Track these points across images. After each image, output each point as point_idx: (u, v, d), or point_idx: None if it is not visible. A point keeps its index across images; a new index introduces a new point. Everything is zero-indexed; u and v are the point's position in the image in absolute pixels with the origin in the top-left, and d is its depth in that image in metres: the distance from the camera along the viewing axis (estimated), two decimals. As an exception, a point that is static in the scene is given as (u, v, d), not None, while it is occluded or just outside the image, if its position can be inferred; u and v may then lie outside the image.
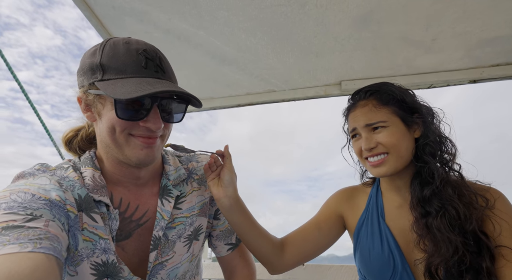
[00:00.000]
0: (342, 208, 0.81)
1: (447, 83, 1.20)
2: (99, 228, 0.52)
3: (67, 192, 0.50)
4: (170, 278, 0.59)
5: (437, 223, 0.61)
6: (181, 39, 1.06)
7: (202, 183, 0.69)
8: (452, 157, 0.68)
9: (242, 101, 1.41)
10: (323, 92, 1.31)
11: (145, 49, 0.52)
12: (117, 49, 0.50)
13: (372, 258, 0.69)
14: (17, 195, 0.43)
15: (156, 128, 0.51)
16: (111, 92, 0.46)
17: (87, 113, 0.55)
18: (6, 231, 0.37)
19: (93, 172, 0.55)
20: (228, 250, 0.72)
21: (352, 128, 0.73)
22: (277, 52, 1.12)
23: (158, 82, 0.50)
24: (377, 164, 0.68)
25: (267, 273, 1.20)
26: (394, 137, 0.66)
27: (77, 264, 0.50)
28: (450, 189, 0.63)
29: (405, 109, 0.69)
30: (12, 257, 0.34)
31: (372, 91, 0.72)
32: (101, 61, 0.50)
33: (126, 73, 0.49)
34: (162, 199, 0.60)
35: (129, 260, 0.55)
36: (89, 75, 0.51)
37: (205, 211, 0.68)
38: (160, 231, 0.57)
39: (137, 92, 0.45)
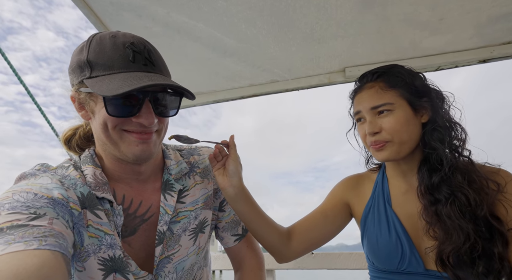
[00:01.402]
0: (348, 196, 0.81)
1: (455, 65, 1.16)
2: (104, 224, 0.52)
3: (69, 190, 0.51)
4: (177, 271, 0.60)
5: (447, 211, 0.60)
6: (181, 33, 1.05)
7: (205, 176, 0.68)
8: (462, 142, 0.66)
9: (245, 93, 1.40)
10: (327, 79, 1.29)
11: (132, 42, 0.50)
12: (103, 44, 0.49)
13: (380, 245, 0.69)
14: (20, 195, 0.44)
15: (148, 123, 0.50)
16: (98, 89, 0.46)
17: (81, 112, 0.54)
18: (11, 230, 0.38)
19: (94, 169, 0.55)
20: (235, 241, 0.73)
21: (356, 111, 0.72)
22: (278, 41, 1.10)
23: (146, 76, 0.48)
24: (379, 147, 0.67)
25: (275, 263, 1.22)
26: (399, 122, 0.65)
27: (84, 260, 0.51)
28: (459, 175, 0.62)
29: (413, 92, 0.67)
30: (18, 255, 0.35)
31: (380, 73, 0.70)
32: (88, 57, 0.49)
33: (114, 69, 0.48)
34: (165, 194, 0.60)
35: (136, 255, 0.56)
36: (78, 73, 0.50)
37: (209, 204, 0.68)
38: (164, 225, 0.58)
39: (123, 88, 0.44)
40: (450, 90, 0.70)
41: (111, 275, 0.52)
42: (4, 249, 0.35)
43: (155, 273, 0.57)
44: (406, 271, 0.66)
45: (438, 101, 0.69)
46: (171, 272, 0.59)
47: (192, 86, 1.41)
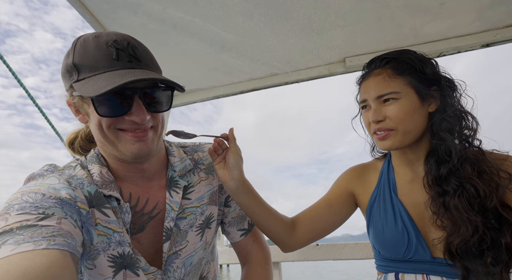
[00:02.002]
0: (353, 186, 0.80)
1: (457, 50, 1.14)
2: (112, 222, 0.53)
3: (77, 190, 0.51)
4: (186, 266, 0.61)
5: (455, 203, 0.59)
6: (178, 29, 1.04)
7: (209, 173, 0.69)
8: (473, 132, 0.64)
9: (245, 87, 1.39)
10: (327, 71, 1.28)
11: (115, 40, 0.50)
12: (87, 46, 0.49)
13: (386, 234, 0.69)
14: (28, 196, 0.44)
15: (140, 120, 0.50)
16: (83, 91, 0.46)
17: (78, 115, 0.55)
18: (20, 230, 0.39)
19: (100, 168, 0.56)
20: (241, 236, 0.74)
21: (362, 99, 0.71)
22: (276, 34, 1.09)
23: (130, 72, 0.48)
24: (382, 137, 0.66)
25: (282, 255, 1.23)
26: (404, 111, 0.63)
27: (94, 257, 0.52)
28: (468, 166, 0.60)
29: (422, 80, 0.65)
30: (27, 255, 0.36)
31: (389, 59, 0.68)
32: (74, 61, 0.49)
33: (98, 69, 0.48)
34: (170, 190, 0.61)
35: (146, 252, 0.57)
36: (67, 78, 0.51)
37: (214, 200, 0.68)
38: (171, 222, 0.58)
39: (105, 87, 0.44)
40: (452, 76, 0.68)
41: (121, 271, 0.53)
42: (14, 249, 0.36)
43: (164, 269, 0.58)
44: (413, 259, 0.66)
45: (449, 90, 0.66)
46: (179, 267, 0.60)
47: (192, 82, 1.40)
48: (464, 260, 0.57)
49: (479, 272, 0.56)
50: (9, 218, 0.40)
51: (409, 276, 0.67)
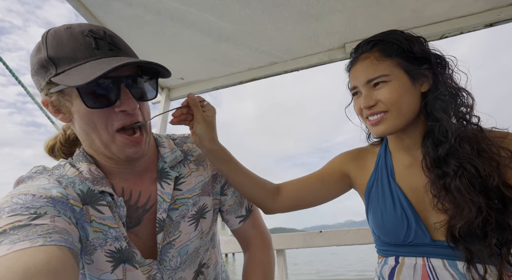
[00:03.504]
0: (348, 167, 0.80)
1: (460, 31, 1.12)
2: (107, 219, 0.53)
3: (68, 188, 0.51)
4: (181, 255, 0.61)
5: (456, 184, 0.57)
6: (174, 19, 1.02)
7: (199, 164, 0.68)
8: (469, 109, 0.62)
9: (244, 77, 1.38)
10: (327, 57, 1.26)
11: (90, 29, 0.48)
12: (60, 37, 0.47)
13: (385, 219, 0.69)
14: (18, 197, 0.44)
15: (131, 109, 0.49)
16: (69, 81, 0.44)
17: (58, 115, 0.52)
18: (14, 230, 0.38)
19: (88, 166, 0.55)
20: (240, 222, 0.74)
21: (352, 86, 0.69)
22: (274, 21, 1.07)
23: (115, 59, 0.46)
24: (375, 122, 0.65)
25: (286, 243, 1.25)
26: (395, 93, 0.61)
27: (91, 253, 0.51)
28: (467, 145, 0.58)
29: (411, 60, 0.63)
30: (25, 252, 0.35)
31: (375, 41, 0.66)
32: (49, 54, 0.46)
33: (79, 60, 0.46)
34: (161, 182, 0.60)
35: (144, 245, 0.57)
36: (42, 74, 0.48)
37: (207, 190, 0.68)
38: (163, 213, 0.58)
39: (95, 73, 0.42)
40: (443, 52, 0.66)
41: (120, 265, 0.53)
42: (10, 248, 0.35)
43: (160, 259, 0.58)
44: (413, 243, 0.66)
45: (440, 67, 0.64)
46: (175, 257, 0.60)
47: (190, 74, 1.39)
48: (467, 242, 0.56)
49: (483, 254, 0.55)
50: (0, 221, 0.39)
51: (409, 259, 0.67)
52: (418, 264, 0.65)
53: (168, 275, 0.59)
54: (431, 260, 0.63)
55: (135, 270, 0.54)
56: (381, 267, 0.74)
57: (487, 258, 0.55)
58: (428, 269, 0.63)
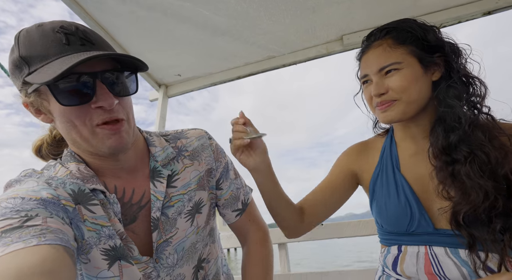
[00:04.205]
0: (354, 164, 0.80)
1: (458, 20, 1.11)
2: (99, 218, 0.52)
3: (58, 188, 0.50)
4: (178, 252, 0.61)
5: (465, 170, 0.57)
6: (168, 15, 1.01)
7: (194, 159, 0.67)
8: (481, 98, 0.61)
9: (241, 72, 1.37)
10: (324, 50, 1.25)
11: (61, 25, 0.47)
12: (31, 36, 0.46)
13: (389, 208, 0.70)
14: (7, 202, 0.43)
15: (108, 105, 0.47)
16: (38, 79, 0.43)
17: (40, 116, 0.51)
18: (6, 233, 0.37)
19: (77, 165, 0.54)
20: (236, 216, 0.74)
21: (363, 74, 0.68)
22: (271, 14, 1.05)
23: (86, 54, 0.45)
24: (385, 108, 0.64)
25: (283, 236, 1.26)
26: (407, 81, 0.61)
27: (87, 252, 0.51)
28: (480, 133, 0.58)
29: (425, 48, 0.62)
30: (19, 254, 0.35)
31: (389, 28, 0.65)
32: (20, 53, 0.45)
33: (50, 57, 0.45)
34: (154, 181, 0.60)
35: (141, 241, 0.57)
36: (17, 74, 0.47)
37: (203, 185, 0.67)
38: (157, 212, 0.58)
39: (61, 68, 0.41)
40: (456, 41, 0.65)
41: (116, 263, 0.53)
42: (3, 250, 0.35)
43: (156, 257, 0.58)
44: (416, 232, 0.67)
45: (453, 56, 0.63)
46: (171, 254, 0.60)
47: (187, 70, 1.38)
48: (471, 228, 0.57)
49: (486, 239, 0.56)
50: None
51: (412, 248, 0.68)
52: (421, 252, 0.66)
53: (166, 273, 0.59)
54: (434, 248, 0.64)
55: (131, 266, 0.54)
56: (384, 256, 0.75)
57: (489, 244, 0.56)
58: (431, 256, 0.64)
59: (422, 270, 0.65)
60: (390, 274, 0.73)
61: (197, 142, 0.69)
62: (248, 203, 0.76)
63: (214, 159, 0.70)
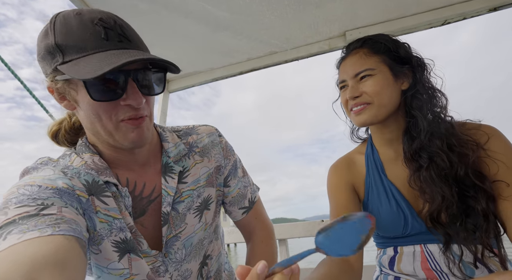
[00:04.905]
0: (348, 178, 0.78)
1: (463, 17, 1.09)
2: (112, 210, 0.53)
3: (73, 178, 0.50)
4: (186, 247, 0.62)
5: (425, 175, 0.63)
6: (169, 8, 1.00)
7: (204, 155, 0.68)
8: (444, 109, 0.68)
9: (243, 68, 1.36)
10: (327, 46, 1.24)
11: (100, 17, 0.46)
12: (69, 24, 0.45)
13: (382, 215, 0.71)
14: (24, 189, 0.44)
15: (137, 103, 0.48)
16: (75, 73, 0.43)
17: (63, 102, 0.51)
18: (23, 220, 0.38)
19: (92, 157, 0.54)
20: (243, 214, 0.74)
21: (341, 80, 0.74)
22: (273, 9, 1.04)
23: (124, 53, 0.45)
24: (358, 111, 0.69)
25: (288, 232, 1.26)
26: (379, 85, 0.67)
27: (99, 243, 0.52)
28: (438, 141, 0.64)
29: (396, 59, 0.69)
30: (34, 242, 0.36)
31: (365, 39, 0.73)
32: (56, 41, 0.45)
33: (87, 50, 0.45)
34: (165, 176, 0.60)
35: (150, 235, 0.57)
36: (49, 60, 0.46)
37: (211, 182, 0.68)
38: (167, 207, 0.58)
39: (102, 68, 0.41)
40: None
41: (126, 255, 0.54)
42: (20, 237, 0.36)
43: (165, 251, 0.59)
44: (410, 233, 0.68)
45: (420, 69, 0.70)
46: (180, 249, 0.60)
47: (188, 65, 1.37)
48: (445, 227, 0.62)
49: (460, 237, 0.60)
50: (8, 212, 0.40)
51: (407, 248, 0.69)
52: (417, 251, 0.68)
53: (174, 268, 0.60)
54: (428, 246, 0.67)
55: (139, 260, 0.55)
56: (380, 257, 0.75)
57: (463, 242, 0.60)
58: (427, 254, 0.66)
59: (419, 267, 0.66)
60: (388, 273, 0.73)
61: (207, 139, 0.69)
62: (255, 202, 0.76)
63: (223, 157, 0.70)
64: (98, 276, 0.55)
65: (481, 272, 0.61)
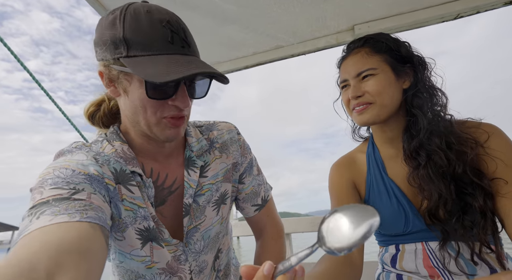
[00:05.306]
0: (349, 176, 0.79)
1: (476, 10, 1.06)
2: (137, 198, 0.55)
3: (104, 166, 0.53)
4: (204, 239, 0.64)
5: (424, 173, 0.64)
6: (177, 3, 1.00)
7: (223, 151, 0.70)
8: (444, 108, 0.68)
9: (249, 62, 1.35)
10: (334, 40, 1.22)
11: (168, 20, 0.49)
12: (140, 21, 0.47)
13: (383, 212, 0.71)
14: (60, 171, 0.46)
15: (184, 106, 0.52)
16: (141, 72, 0.45)
17: (110, 87, 0.54)
18: (56, 202, 0.41)
19: (121, 145, 0.57)
20: (255, 211, 0.75)
21: (343, 79, 0.73)
22: (280, 2, 1.03)
23: (187, 60, 0.48)
24: (360, 111, 0.69)
25: (291, 227, 1.27)
26: (381, 85, 0.67)
27: (123, 230, 0.55)
28: (437, 139, 0.64)
29: (397, 58, 0.69)
30: (62, 227, 0.38)
31: (366, 38, 0.73)
32: (125, 34, 0.47)
33: (153, 50, 0.47)
34: (188, 169, 0.62)
35: (168, 224, 0.60)
36: (111, 50, 0.48)
37: (228, 177, 0.70)
38: (189, 198, 0.61)
39: (170, 75, 0.44)
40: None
41: (148, 243, 0.57)
42: (51, 220, 0.38)
43: (186, 241, 0.61)
44: (412, 231, 0.69)
45: (421, 68, 0.70)
46: (199, 240, 0.63)
47: (195, 59, 1.37)
48: (443, 224, 0.62)
49: (457, 234, 0.60)
50: (44, 192, 0.42)
51: (409, 246, 0.70)
52: (418, 249, 0.68)
53: (193, 258, 0.62)
54: (429, 243, 0.67)
55: (161, 249, 0.58)
56: (382, 255, 0.76)
57: (460, 238, 0.61)
58: (428, 251, 0.67)
59: (421, 264, 0.66)
60: (390, 270, 0.74)
61: (227, 136, 0.71)
62: (268, 200, 0.78)
63: (241, 154, 0.72)
64: (120, 262, 0.58)
65: (481, 268, 0.61)
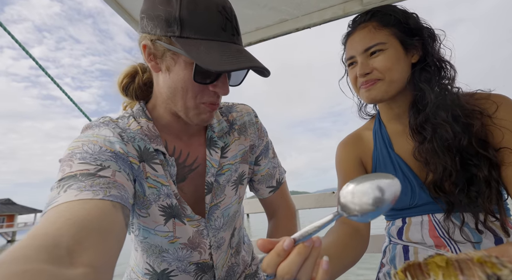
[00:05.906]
0: (356, 153, 0.79)
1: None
2: (160, 176, 0.57)
3: (129, 144, 0.54)
4: (224, 216, 0.67)
5: (429, 147, 0.64)
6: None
7: (241, 133, 0.71)
8: (451, 81, 0.67)
9: (252, 38, 1.30)
10: (341, 11, 1.15)
11: (223, 6, 0.50)
12: (197, 3, 0.47)
13: None
14: (88, 146, 0.48)
15: (224, 93, 0.54)
16: (196, 57, 0.45)
17: (151, 62, 0.54)
18: (82, 177, 0.42)
19: (147, 122, 0.58)
20: (269, 192, 0.78)
21: (349, 56, 0.71)
22: (283, -29, 0.96)
23: (236, 49, 0.49)
24: (368, 86, 0.67)
25: (298, 203, 1.30)
26: (390, 61, 0.65)
27: (148, 207, 0.57)
28: (443, 113, 0.63)
29: (406, 31, 0.67)
30: (86, 203, 0.39)
31: (373, 12, 0.69)
32: (181, 14, 0.47)
33: (206, 34, 0.47)
34: (210, 149, 0.65)
35: (188, 200, 0.63)
36: (163, 26, 0.48)
37: (246, 159, 0.72)
38: (211, 177, 0.64)
39: (224, 65, 0.45)
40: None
41: (171, 220, 0.59)
42: (77, 195, 0.39)
43: (207, 218, 0.64)
44: (418, 204, 0.70)
45: (430, 40, 0.68)
46: (219, 217, 0.66)
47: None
48: (448, 195, 0.63)
49: (462, 205, 0.61)
50: (73, 165, 0.44)
51: (415, 218, 0.71)
52: (424, 221, 0.70)
53: (213, 234, 0.66)
54: (436, 215, 0.68)
55: (182, 225, 0.61)
56: (388, 228, 0.78)
57: (467, 209, 0.62)
58: (434, 222, 0.68)
59: (427, 235, 0.68)
60: (396, 242, 0.76)
61: (246, 118, 0.73)
62: (282, 183, 0.80)
63: (258, 137, 0.74)
64: (144, 237, 0.61)
65: (486, 236, 0.62)
